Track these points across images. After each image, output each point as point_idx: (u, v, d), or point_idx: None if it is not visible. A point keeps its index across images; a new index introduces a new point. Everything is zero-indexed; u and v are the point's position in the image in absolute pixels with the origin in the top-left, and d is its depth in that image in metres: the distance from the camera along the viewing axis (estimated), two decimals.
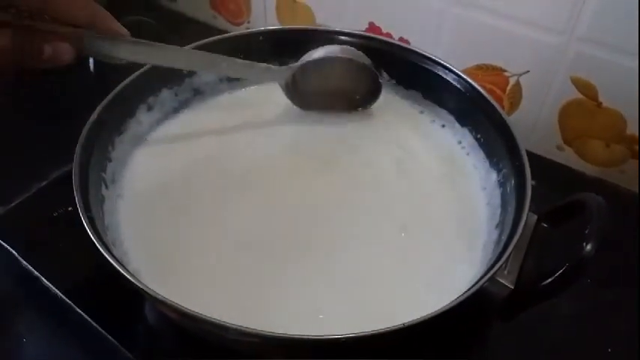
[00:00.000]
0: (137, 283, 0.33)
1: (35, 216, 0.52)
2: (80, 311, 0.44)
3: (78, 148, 0.41)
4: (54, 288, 0.45)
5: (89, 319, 0.44)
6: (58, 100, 0.63)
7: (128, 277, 0.33)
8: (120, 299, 0.44)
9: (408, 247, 0.43)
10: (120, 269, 0.34)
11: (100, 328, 0.43)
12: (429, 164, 0.49)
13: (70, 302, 0.45)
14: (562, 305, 0.46)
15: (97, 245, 0.35)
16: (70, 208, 0.38)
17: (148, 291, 0.33)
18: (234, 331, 0.31)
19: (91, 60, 0.47)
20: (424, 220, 0.45)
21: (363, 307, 0.39)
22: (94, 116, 0.43)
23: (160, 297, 0.32)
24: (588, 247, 0.34)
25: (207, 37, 0.52)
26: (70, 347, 0.45)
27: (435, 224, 0.44)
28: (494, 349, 0.46)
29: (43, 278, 0.46)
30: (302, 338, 0.32)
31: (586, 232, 0.34)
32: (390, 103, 0.54)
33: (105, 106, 0.44)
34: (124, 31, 0.41)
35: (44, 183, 0.54)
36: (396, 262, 0.42)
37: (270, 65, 0.50)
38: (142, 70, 0.48)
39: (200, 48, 0.52)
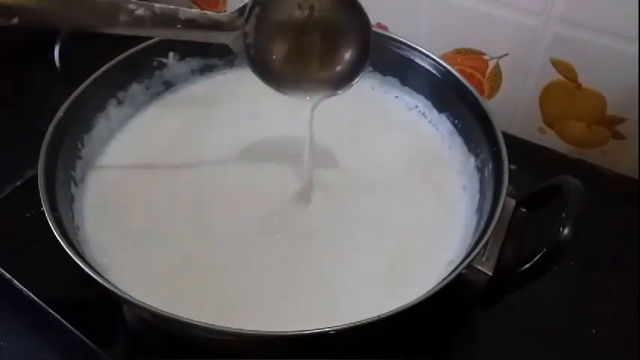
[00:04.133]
0: (105, 284, 0.32)
1: (8, 217, 0.51)
2: (55, 314, 0.43)
3: (43, 147, 0.40)
4: (28, 291, 0.45)
5: (64, 321, 0.43)
6: (28, 96, 0.62)
7: (97, 278, 0.33)
8: (96, 300, 0.44)
9: (383, 236, 0.42)
10: (88, 270, 0.33)
11: (76, 331, 0.43)
12: (405, 151, 0.49)
13: (44, 305, 0.44)
14: (546, 288, 0.46)
15: (64, 245, 0.34)
16: (42, 208, 0.37)
17: (116, 291, 0.32)
18: (202, 329, 0.30)
19: (56, 55, 0.45)
20: (400, 207, 0.44)
21: (339, 298, 0.38)
22: (59, 113, 0.42)
23: (127, 297, 0.32)
24: (565, 230, 0.33)
25: None
26: (48, 350, 0.44)
27: (411, 212, 0.44)
28: (479, 334, 0.45)
29: (15, 281, 0.45)
30: (276, 334, 0.31)
31: (563, 215, 0.34)
32: (366, 90, 0.53)
33: (72, 102, 0.43)
34: None
35: (18, 183, 0.53)
36: (371, 250, 0.41)
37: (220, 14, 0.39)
38: (110, 63, 0.47)
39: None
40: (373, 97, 0.53)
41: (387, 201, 0.44)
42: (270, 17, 0.39)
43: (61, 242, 0.34)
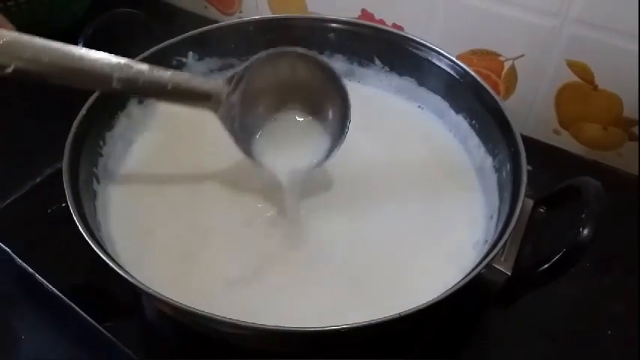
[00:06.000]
0: (131, 280, 0.33)
1: (30, 213, 0.52)
2: (76, 307, 0.44)
3: (67, 145, 0.40)
4: (49, 285, 0.45)
5: (85, 315, 0.44)
6: (49, 94, 0.63)
7: (122, 273, 0.33)
8: (116, 294, 0.44)
9: (403, 239, 0.42)
10: (113, 266, 0.34)
11: (96, 324, 0.43)
12: (422, 151, 0.49)
13: (65, 299, 0.44)
14: (562, 289, 0.45)
15: (89, 242, 0.34)
16: (63, 205, 0.37)
17: (141, 286, 0.33)
18: (224, 324, 0.31)
19: None
20: (418, 207, 0.44)
21: (360, 296, 0.39)
22: (82, 111, 0.43)
23: (152, 291, 0.32)
24: (585, 231, 0.33)
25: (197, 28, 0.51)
26: (68, 343, 0.44)
27: (430, 215, 0.44)
28: (494, 334, 0.45)
29: (37, 275, 0.46)
30: (296, 330, 0.31)
31: (582, 216, 0.34)
32: (382, 92, 0.54)
33: (94, 101, 0.44)
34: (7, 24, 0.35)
35: (38, 180, 0.54)
36: (390, 252, 0.41)
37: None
38: None
39: (190, 38, 0.51)
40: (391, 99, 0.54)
41: (405, 200, 0.45)
42: (255, 92, 0.41)
43: (89, 240, 0.35)
